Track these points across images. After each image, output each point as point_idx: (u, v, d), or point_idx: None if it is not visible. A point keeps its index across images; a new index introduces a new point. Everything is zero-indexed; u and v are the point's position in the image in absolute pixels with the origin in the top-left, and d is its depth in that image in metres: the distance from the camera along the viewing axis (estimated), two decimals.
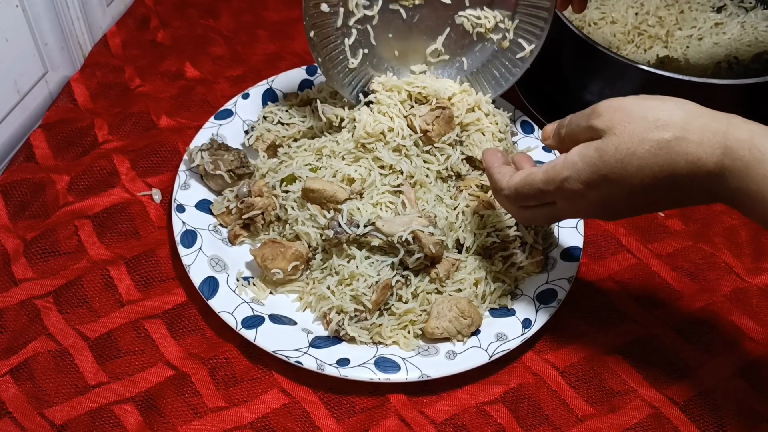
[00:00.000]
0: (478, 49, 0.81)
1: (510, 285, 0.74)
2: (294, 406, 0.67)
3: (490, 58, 0.81)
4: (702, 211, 0.85)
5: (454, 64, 0.82)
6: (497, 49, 0.81)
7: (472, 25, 0.79)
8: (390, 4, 0.77)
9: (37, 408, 0.64)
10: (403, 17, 0.78)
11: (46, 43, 0.85)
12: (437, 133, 0.76)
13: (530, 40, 0.79)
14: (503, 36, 0.79)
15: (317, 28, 0.76)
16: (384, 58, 0.81)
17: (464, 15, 0.78)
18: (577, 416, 0.67)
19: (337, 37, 0.77)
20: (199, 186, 0.78)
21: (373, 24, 0.78)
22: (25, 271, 0.72)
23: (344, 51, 0.78)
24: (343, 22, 0.76)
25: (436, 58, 0.81)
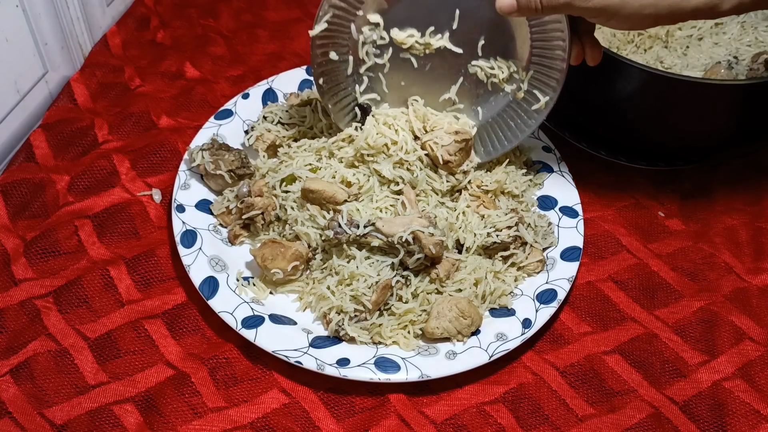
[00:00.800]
0: (493, 99, 0.78)
1: (510, 285, 0.74)
2: (294, 406, 0.67)
3: (505, 109, 0.78)
4: (702, 211, 0.85)
5: (469, 113, 0.79)
6: (512, 99, 0.78)
7: (486, 75, 0.77)
8: (401, 53, 0.75)
9: (37, 408, 0.64)
10: (414, 66, 0.76)
11: (46, 43, 0.85)
12: (457, 164, 0.76)
13: (545, 92, 0.76)
14: (518, 87, 0.77)
15: (326, 75, 0.76)
16: (395, 106, 0.79)
17: (477, 65, 0.76)
18: (577, 416, 0.67)
19: (348, 84, 0.77)
20: (199, 186, 0.78)
21: (385, 72, 0.77)
22: (25, 271, 0.72)
23: (354, 97, 0.78)
24: (353, 70, 0.76)
25: (450, 106, 0.79)
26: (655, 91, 0.79)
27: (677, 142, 0.86)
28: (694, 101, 0.78)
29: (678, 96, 0.78)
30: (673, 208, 0.85)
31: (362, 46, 0.75)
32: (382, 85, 0.78)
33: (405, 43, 0.75)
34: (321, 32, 0.73)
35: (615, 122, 0.85)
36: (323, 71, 0.75)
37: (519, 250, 0.74)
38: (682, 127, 0.83)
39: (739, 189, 0.87)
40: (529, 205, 0.80)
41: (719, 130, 0.84)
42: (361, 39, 0.74)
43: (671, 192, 0.86)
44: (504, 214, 0.75)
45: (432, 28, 0.74)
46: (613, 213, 0.83)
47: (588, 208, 0.82)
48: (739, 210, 0.85)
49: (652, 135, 0.84)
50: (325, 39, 0.74)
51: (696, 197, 0.86)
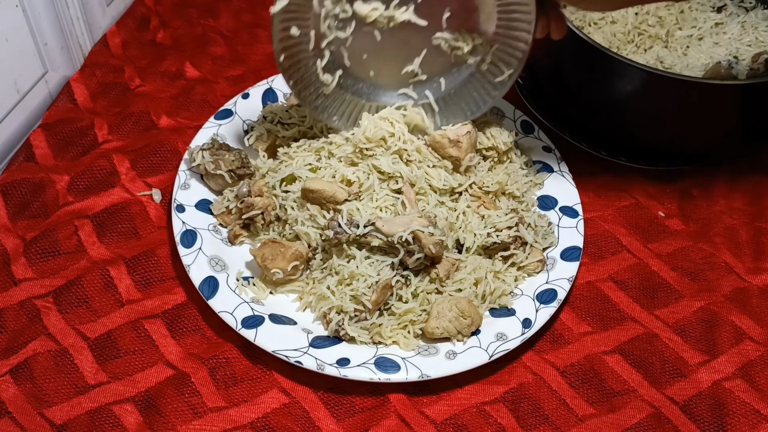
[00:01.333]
0: (456, 70, 0.78)
1: (510, 285, 0.74)
2: (294, 406, 0.67)
3: (468, 80, 0.78)
4: (702, 211, 0.85)
5: (432, 84, 0.79)
6: (475, 71, 0.78)
7: (450, 47, 0.76)
8: (364, 27, 0.74)
9: (37, 408, 0.64)
10: (377, 39, 0.75)
11: (46, 43, 0.85)
12: (465, 149, 0.76)
13: (509, 64, 0.76)
14: (482, 59, 0.77)
15: (287, 52, 0.73)
16: (359, 78, 0.78)
17: (441, 37, 0.75)
18: (577, 416, 0.67)
19: (309, 59, 0.75)
20: (199, 186, 0.78)
21: (347, 45, 0.75)
22: (25, 271, 0.72)
23: (317, 73, 0.76)
24: (315, 45, 0.74)
25: (412, 78, 0.78)
26: (655, 91, 0.79)
27: (677, 142, 0.86)
28: (694, 101, 0.78)
29: (678, 96, 0.78)
30: (673, 208, 0.85)
31: (324, 20, 0.73)
32: (344, 58, 0.76)
33: (369, 16, 0.73)
34: (283, 7, 0.71)
35: (615, 122, 0.85)
36: (284, 47, 0.73)
37: (519, 250, 0.74)
38: (683, 126, 0.83)
39: (739, 189, 0.87)
40: (529, 205, 0.80)
41: (719, 130, 0.84)
42: (323, 12, 0.72)
43: (671, 192, 0.86)
44: (504, 214, 0.75)
45: (397, 1, 0.73)
46: (613, 213, 0.83)
47: (588, 208, 0.82)
48: (739, 210, 0.85)
49: (652, 135, 0.84)
50: (287, 14, 0.71)
51: (696, 197, 0.86)
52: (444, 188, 0.76)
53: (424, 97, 0.79)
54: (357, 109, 0.79)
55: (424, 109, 0.79)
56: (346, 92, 0.78)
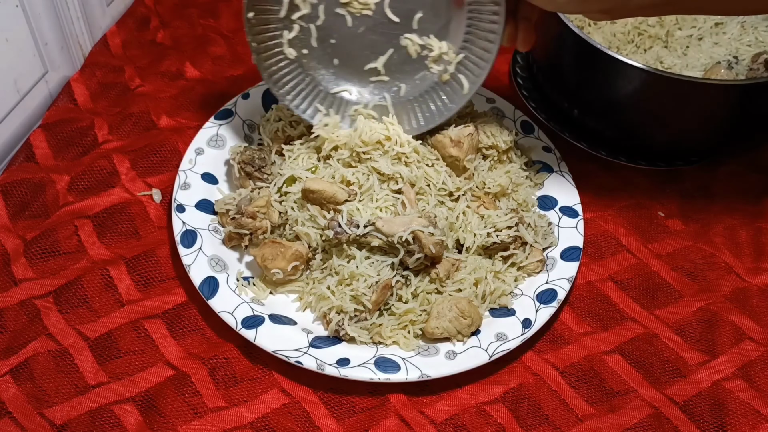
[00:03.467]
0: (419, 77, 0.78)
1: (510, 285, 0.74)
2: (294, 406, 0.67)
3: (429, 89, 0.78)
4: (702, 211, 0.85)
5: (392, 87, 0.78)
6: (437, 81, 0.77)
7: (416, 51, 0.76)
8: (337, 8, 0.74)
9: (37, 408, 0.64)
10: (348, 24, 0.74)
11: (46, 43, 0.85)
12: (465, 149, 0.76)
13: (470, 78, 0.76)
14: (444, 69, 0.76)
15: (258, 12, 0.73)
16: (322, 63, 0.77)
17: (410, 38, 0.75)
18: (577, 416, 0.67)
19: (277, 28, 0.74)
20: (199, 186, 0.78)
21: (317, 24, 0.74)
22: (25, 271, 0.72)
23: (281, 44, 0.75)
24: (286, 15, 0.73)
25: (375, 76, 0.78)
26: (655, 91, 0.79)
27: (677, 142, 0.86)
28: (694, 101, 0.79)
29: (678, 96, 0.78)
30: (673, 208, 0.85)
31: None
32: (312, 38, 0.75)
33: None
34: None
35: (615, 122, 0.85)
36: (255, 6, 0.73)
37: (519, 250, 0.74)
38: (682, 127, 0.83)
39: (739, 189, 0.87)
40: (529, 205, 0.80)
41: (719, 130, 0.84)
42: None
43: (671, 192, 0.86)
44: (504, 214, 0.75)
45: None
46: (613, 213, 0.83)
47: (588, 208, 0.82)
48: (739, 210, 0.85)
49: (651, 135, 0.85)
50: None
51: (696, 197, 0.86)
52: (442, 191, 0.76)
53: (382, 99, 0.79)
54: (312, 94, 0.79)
55: (378, 112, 0.79)
56: (306, 74, 0.78)
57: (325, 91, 0.79)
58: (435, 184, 0.75)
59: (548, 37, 0.86)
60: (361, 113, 0.78)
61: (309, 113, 0.79)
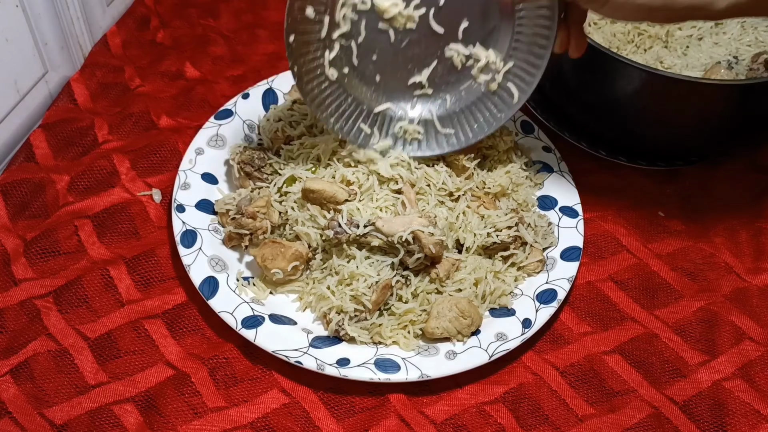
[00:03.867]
0: (465, 88, 0.76)
1: (510, 285, 0.74)
2: (294, 406, 0.67)
3: (476, 100, 0.76)
4: (702, 211, 0.85)
5: (436, 100, 0.76)
6: (484, 91, 0.75)
7: (461, 61, 0.73)
8: (379, 23, 0.71)
9: (37, 408, 0.64)
10: (391, 40, 0.72)
11: (46, 43, 0.85)
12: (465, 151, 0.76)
13: (520, 87, 0.74)
14: (492, 78, 0.74)
15: (298, 34, 0.70)
16: (364, 80, 0.75)
17: (455, 48, 0.73)
18: (577, 416, 0.67)
19: (318, 48, 0.71)
20: (199, 186, 0.78)
21: (359, 42, 0.72)
22: (25, 271, 0.72)
23: (323, 65, 0.72)
24: (327, 34, 0.71)
25: (419, 90, 0.76)
26: (655, 91, 0.79)
27: (677, 142, 0.86)
28: (694, 101, 0.78)
29: (678, 96, 0.78)
30: (673, 208, 0.85)
31: (341, 7, 0.69)
32: (353, 55, 0.72)
33: (388, 11, 0.70)
34: None
35: (615, 122, 0.85)
36: (296, 28, 0.69)
37: (519, 250, 0.74)
38: (683, 127, 0.83)
39: (739, 189, 0.87)
40: (529, 205, 0.80)
41: (719, 130, 0.84)
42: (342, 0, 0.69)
43: (671, 192, 0.86)
44: (504, 214, 0.75)
45: (418, 0, 0.70)
46: (613, 213, 0.83)
47: (588, 208, 0.82)
48: (739, 210, 0.85)
49: (652, 135, 0.84)
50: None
51: (696, 197, 0.86)
52: (442, 191, 0.76)
53: (428, 113, 0.77)
54: (355, 114, 0.76)
55: (424, 127, 0.77)
56: (348, 94, 0.75)
57: (369, 110, 0.76)
58: (435, 184, 0.75)
59: None
60: (407, 129, 0.76)
61: (354, 135, 0.76)
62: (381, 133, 0.76)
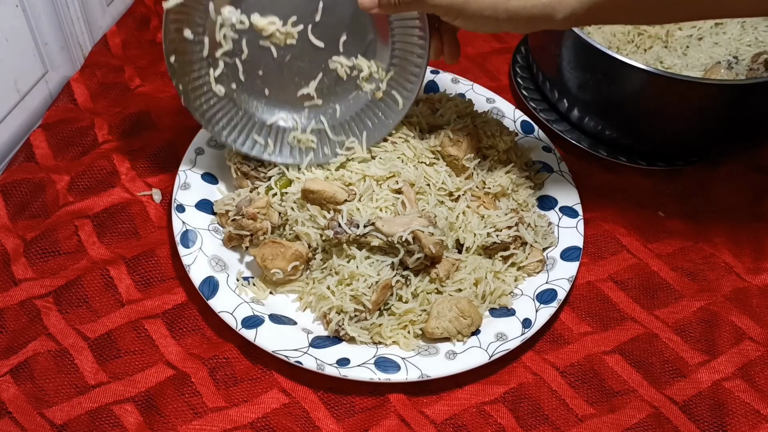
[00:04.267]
0: (352, 97, 0.77)
1: (510, 285, 0.74)
2: (294, 406, 0.67)
3: (364, 108, 0.78)
4: (702, 211, 0.85)
5: (327, 110, 0.78)
6: (371, 99, 0.77)
7: (346, 72, 0.75)
8: (260, 41, 0.73)
9: (37, 408, 0.64)
10: (274, 55, 0.74)
11: (46, 43, 0.85)
12: (464, 148, 0.76)
13: (404, 94, 0.76)
14: (377, 87, 0.76)
15: (179, 54, 0.72)
16: (253, 95, 0.76)
17: (338, 61, 0.75)
18: (577, 416, 0.67)
19: (202, 67, 0.73)
20: (199, 186, 0.78)
21: (243, 59, 0.73)
22: (25, 271, 0.72)
23: (209, 82, 0.74)
24: (209, 53, 0.72)
25: (309, 101, 0.77)
26: (655, 91, 0.79)
27: (677, 142, 0.86)
28: (694, 101, 0.79)
29: (678, 96, 0.78)
30: (673, 208, 0.85)
31: (220, 28, 0.71)
32: (239, 72, 0.74)
33: (266, 29, 0.72)
34: (175, 5, 0.69)
35: (615, 122, 0.85)
36: (176, 49, 0.71)
37: (519, 250, 0.74)
38: (682, 126, 0.83)
39: (739, 189, 0.87)
40: (529, 205, 0.80)
41: (719, 129, 0.84)
42: (219, 20, 0.71)
43: (671, 192, 0.86)
44: (504, 214, 0.75)
45: (294, 18, 0.72)
46: (613, 213, 0.83)
47: (588, 208, 0.82)
48: (739, 210, 0.85)
49: (651, 135, 0.85)
50: (180, 14, 0.70)
51: (696, 197, 0.86)
52: (442, 191, 0.76)
53: (319, 123, 0.78)
54: (248, 127, 0.77)
55: (317, 135, 0.78)
56: (239, 108, 0.77)
57: (261, 122, 0.78)
58: (435, 184, 0.75)
59: (548, 37, 0.86)
60: (300, 139, 0.77)
61: (248, 146, 0.77)
62: (275, 144, 0.78)
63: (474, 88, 0.92)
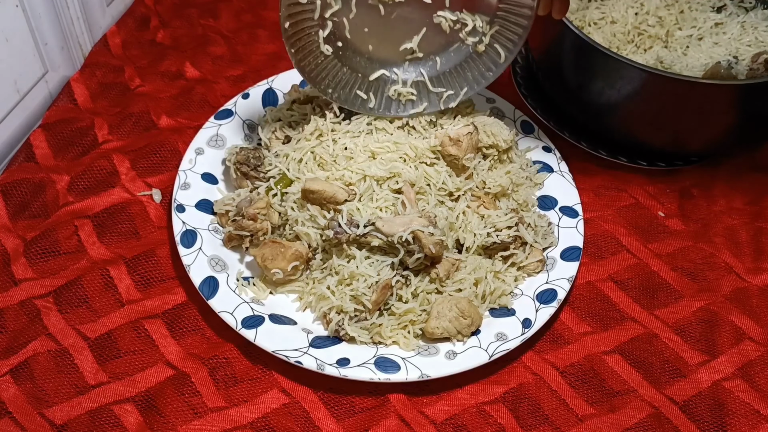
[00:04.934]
0: (453, 50, 0.79)
1: (510, 285, 0.74)
2: (294, 406, 0.67)
3: (465, 61, 0.79)
4: (702, 211, 0.85)
5: (427, 62, 0.79)
6: (472, 52, 0.79)
7: (450, 25, 0.77)
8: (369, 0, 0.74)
9: (37, 408, 0.64)
10: (381, 13, 0.75)
11: (46, 43, 0.85)
12: (464, 148, 0.76)
13: (507, 47, 0.77)
14: (480, 40, 0.78)
15: (292, 19, 0.73)
16: (357, 51, 0.78)
17: (443, 15, 0.76)
18: (577, 416, 0.67)
19: (312, 28, 0.75)
20: (199, 186, 0.78)
21: (350, 17, 0.75)
22: (25, 271, 0.72)
23: (318, 43, 0.75)
24: (319, 15, 0.74)
25: (410, 55, 0.79)
26: (655, 91, 0.79)
27: (677, 142, 0.86)
28: (694, 101, 0.78)
29: (678, 96, 0.78)
30: (673, 208, 0.85)
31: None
32: (345, 30, 0.76)
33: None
34: None
35: (615, 122, 0.85)
36: (290, 14, 0.73)
37: (519, 250, 0.74)
38: (682, 127, 0.83)
39: (739, 189, 0.87)
40: (529, 205, 0.80)
41: (719, 130, 0.84)
42: None
43: (671, 192, 0.86)
44: (504, 214, 0.75)
45: None
46: (613, 213, 0.83)
47: (588, 208, 0.82)
48: (739, 210, 0.85)
49: (652, 135, 0.84)
50: None
51: (696, 197, 0.86)
52: (442, 191, 0.76)
53: (419, 75, 0.80)
54: (351, 83, 0.79)
55: (417, 88, 0.80)
56: (344, 65, 0.78)
57: (363, 77, 0.79)
58: (435, 184, 0.75)
59: (548, 37, 0.86)
60: (401, 92, 0.79)
61: (351, 101, 0.79)
62: (376, 98, 0.80)
63: None
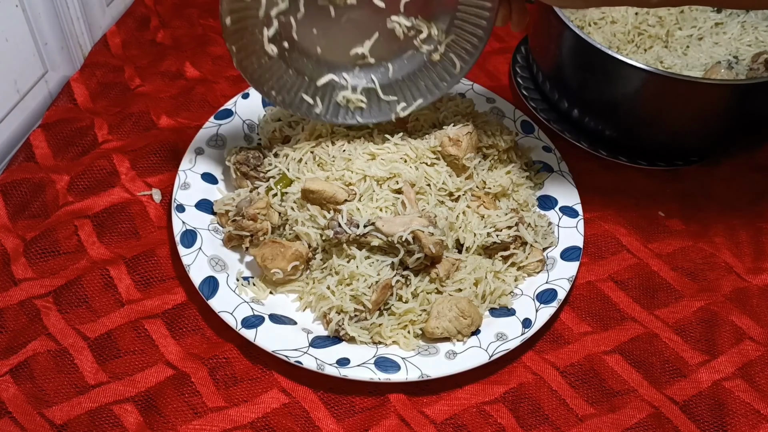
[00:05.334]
0: (407, 57, 0.76)
1: (510, 285, 0.74)
2: (294, 405, 0.67)
3: (419, 69, 0.76)
4: (702, 211, 0.85)
5: (379, 69, 0.76)
6: (426, 60, 0.76)
7: (404, 32, 0.73)
8: (319, 0, 0.71)
9: (37, 408, 0.64)
10: (331, 15, 0.72)
11: (46, 43, 0.85)
12: (464, 148, 0.76)
13: (462, 58, 0.75)
14: (435, 48, 0.75)
15: (235, 14, 0.69)
16: (305, 53, 0.74)
17: (396, 21, 0.73)
18: (577, 416, 0.67)
19: (256, 26, 0.70)
20: (199, 186, 0.78)
21: (298, 17, 0.71)
22: (25, 271, 0.72)
23: (261, 42, 0.71)
24: (265, 12, 0.70)
25: (360, 60, 0.75)
26: (655, 91, 0.79)
27: (677, 142, 0.86)
28: (694, 101, 0.79)
29: (678, 96, 0.78)
30: (673, 208, 0.85)
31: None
32: (292, 30, 0.72)
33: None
34: None
35: (615, 122, 0.85)
36: (232, 9, 0.68)
37: (519, 250, 0.74)
38: (682, 126, 0.83)
39: (739, 189, 0.87)
40: (529, 205, 0.80)
41: (719, 129, 0.84)
42: None
43: (671, 192, 0.86)
44: (504, 214, 0.75)
45: None
46: (613, 213, 0.83)
47: (588, 208, 0.82)
48: (739, 210, 0.85)
49: (652, 135, 0.85)
50: None
51: (696, 197, 0.86)
52: (442, 191, 0.76)
53: (370, 82, 0.77)
54: (296, 86, 0.75)
55: (367, 95, 0.77)
56: (289, 67, 0.74)
57: (310, 81, 0.76)
58: (435, 184, 0.75)
59: (548, 37, 0.86)
60: (349, 98, 0.76)
61: (296, 105, 0.76)
62: (323, 103, 0.77)
63: (474, 88, 0.92)
